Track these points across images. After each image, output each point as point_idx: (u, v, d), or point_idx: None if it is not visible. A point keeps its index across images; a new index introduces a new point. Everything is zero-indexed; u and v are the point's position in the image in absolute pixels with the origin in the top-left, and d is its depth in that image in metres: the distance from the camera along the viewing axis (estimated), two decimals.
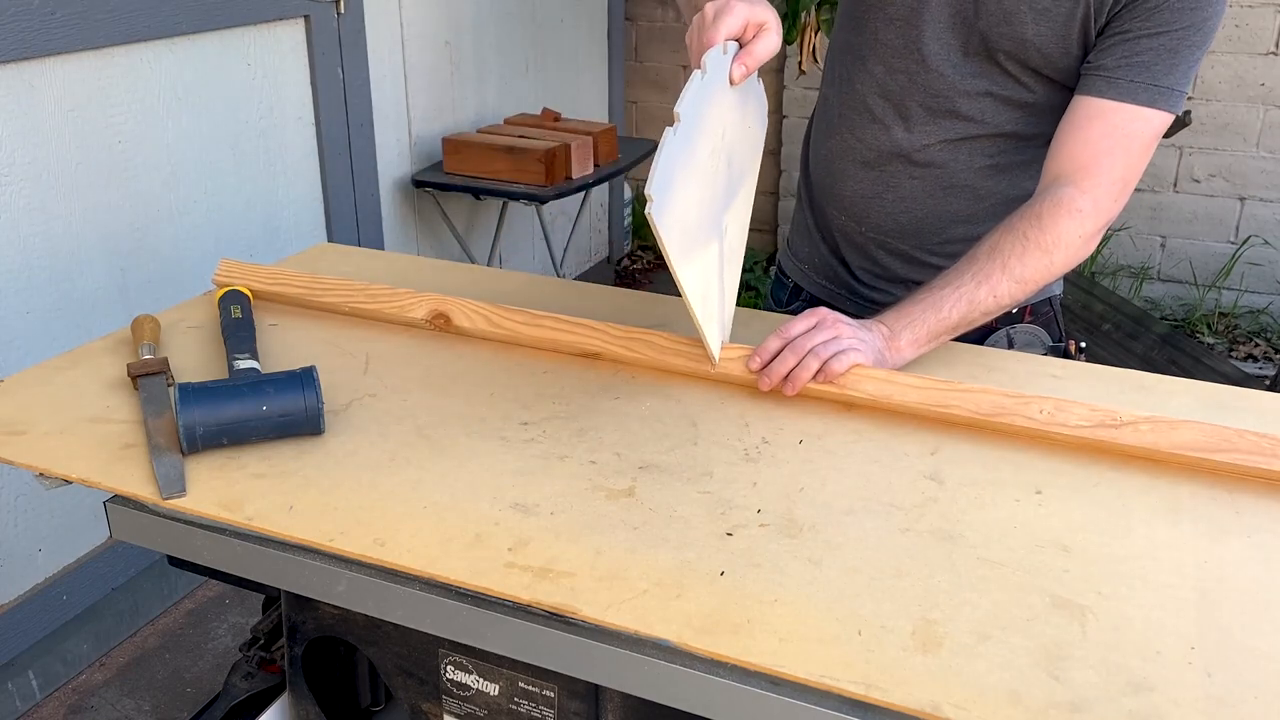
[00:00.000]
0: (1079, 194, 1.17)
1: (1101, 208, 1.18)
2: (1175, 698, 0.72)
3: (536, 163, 2.87)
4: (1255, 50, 3.59)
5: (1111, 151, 1.18)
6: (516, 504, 0.93)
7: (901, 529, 0.91)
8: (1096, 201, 1.18)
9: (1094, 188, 1.17)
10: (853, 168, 1.39)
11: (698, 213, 1.07)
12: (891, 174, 1.36)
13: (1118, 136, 1.18)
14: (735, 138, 1.17)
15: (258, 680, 1.23)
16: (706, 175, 1.08)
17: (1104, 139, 1.18)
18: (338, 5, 2.56)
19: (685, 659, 0.78)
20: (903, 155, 1.34)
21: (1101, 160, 1.18)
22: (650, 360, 1.18)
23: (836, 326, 1.12)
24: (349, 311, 1.32)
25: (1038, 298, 1.40)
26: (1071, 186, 1.18)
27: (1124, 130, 1.17)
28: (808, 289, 1.52)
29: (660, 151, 0.95)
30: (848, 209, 1.41)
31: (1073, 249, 1.18)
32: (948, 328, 1.16)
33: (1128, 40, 1.17)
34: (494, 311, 1.25)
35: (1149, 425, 1.01)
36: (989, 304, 1.16)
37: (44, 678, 2.13)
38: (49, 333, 2.01)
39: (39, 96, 1.93)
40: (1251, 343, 3.81)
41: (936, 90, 1.29)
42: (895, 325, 1.15)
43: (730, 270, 1.19)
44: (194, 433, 0.98)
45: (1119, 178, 1.19)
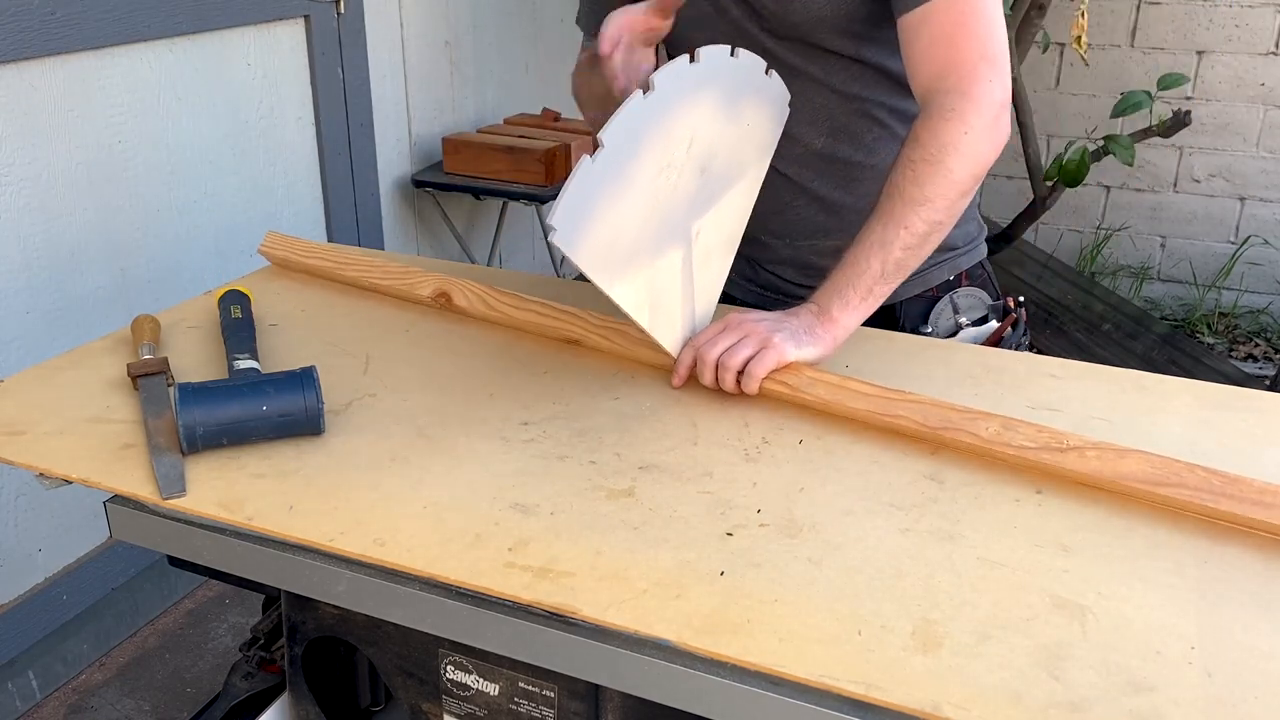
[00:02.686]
0: (943, 97, 1.12)
1: (976, 94, 1.11)
2: (1175, 698, 0.72)
3: (536, 163, 2.87)
4: (1255, 50, 3.59)
5: (955, 42, 1.12)
6: (516, 504, 0.93)
7: (901, 529, 0.91)
8: (965, 94, 1.11)
9: (957, 83, 1.11)
10: None
11: (637, 232, 1.06)
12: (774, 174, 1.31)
13: (951, 27, 1.12)
14: (720, 140, 1.17)
15: (258, 680, 1.23)
16: (650, 194, 1.07)
17: (942, 38, 1.12)
18: (338, 5, 2.56)
19: (685, 659, 0.78)
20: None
21: (952, 55, 1.12)
22: (623, 350, 1.20)
23: (744, 326, 1.10)
24: (368, 286, 1.39)
25: (971, 260, 1.40)
26: (934, 97, 1.13)
27: (950, 19, 1.12)
28: (738, 296, 1.47)
29: (571, 179, 0.95)
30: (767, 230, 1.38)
31: (966, 147, 1.11)
32: (874, 278, 1.12)
33: None
34: (488, 293, 1.31)
35: (1095, 452, 0.97)
36: (905, 238, 1.11)
37: (44, 678, 2.13)
38: (49, 333, 2.01)
39: (39, 96, 1.93)
40: (1251, 343, 3.81)
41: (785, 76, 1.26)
42: (823, 300, 1.13)
43: (707, 270, 1.20)
44: (194, 433, 0.98)
45: (976, 59, 1.12)
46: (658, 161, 1.07)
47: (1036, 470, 0.99)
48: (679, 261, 1.15)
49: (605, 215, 1.02)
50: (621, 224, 1.04)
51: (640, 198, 1.06)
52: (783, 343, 1.09)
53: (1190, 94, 3.65)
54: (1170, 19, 3.64)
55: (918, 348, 1.26)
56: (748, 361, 1.09)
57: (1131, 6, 3.67)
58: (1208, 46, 3.63)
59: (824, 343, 1.12)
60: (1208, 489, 0.93)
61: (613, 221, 1.03)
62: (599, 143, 0.97)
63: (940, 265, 1.37)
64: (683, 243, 1.15)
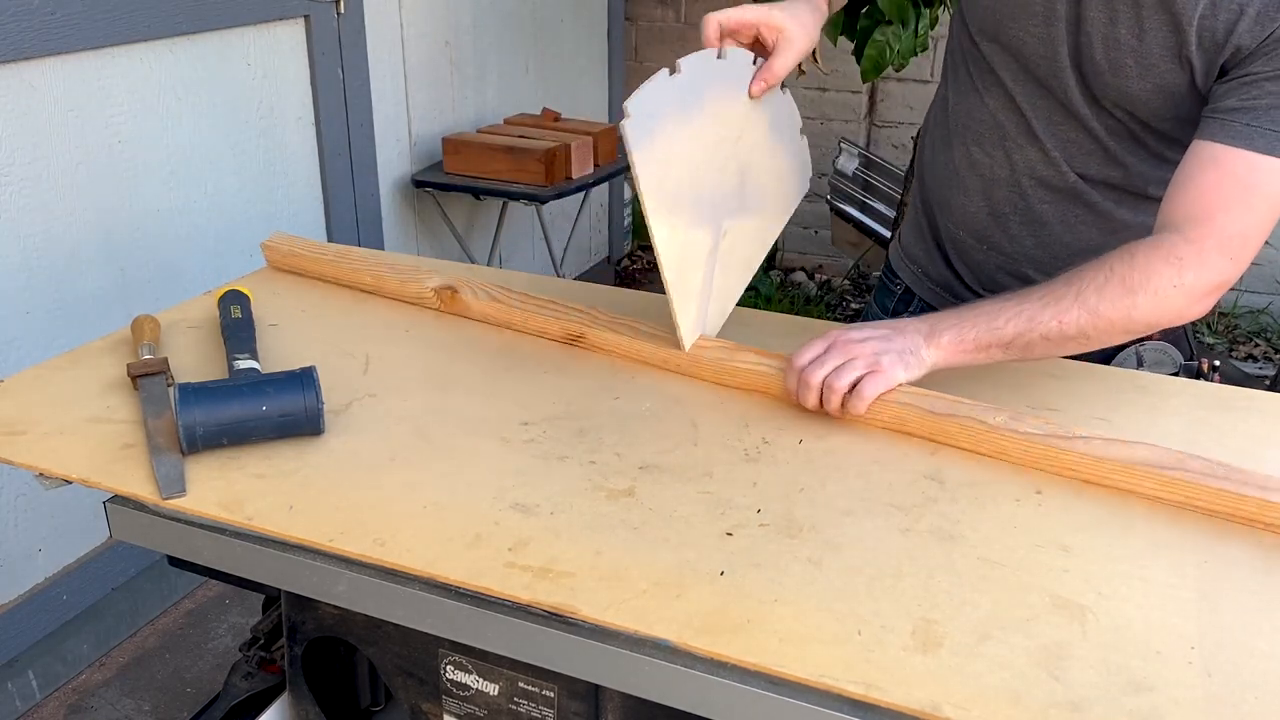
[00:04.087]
0: (1182, 241, 1.05)
1: (1208, 261, 1.05)
2: (1175, 698, 0.72)
3: (536, 163, 2.86)
4: None
5: (1227, 203, 1.05)
6: (516, 504, 0.93)
7: (901, 529, 0.91)
8: (1202, 253, 1.05)
9: (1201, 238, 1.05)
10: (976, 183, 1.32)
11: (691, 183, 1.10)
12: (1020, 195, 1.29)
13: (1235, 187, 1.05)
14: (757, 160, 1.21)
15: (258, 680, 1.23)
16: (705, 155, 1.11)
17: (1218, 188, 1.05)
18: (338, 5, 2.56)
19: (685, 659, 0.78)
20: (1036, 177, 1.27)
21: (1215, 212, 1.05)
22: (628, 346, 1.20)
23: (850, 348, 1.06)
24: (371, 287, 1.39)
25: None
26: (1177, 233, 1.06)
27: (1243, 180, 1.05)
28: (920, 294, 1.45)
29: (647, 83, 1.01)
30: (966, 225, 1.35)
31: (1163, 296, 1.04)
32: (1000, 341, 1.06)
33: (1247, 83, 1.06)
34: (493, 287, 1.31)
35: (1102, 442, 0.98)
36: (1051, 328, 1.05)
37: (44, 678, 2.13)
38: (49, 333, 2.01)
39: (39, 96, 1.93)
40: (1251, 343, 3.81)
41: (1067, 118, 1.22)
42: (940, 324, 1.08)
43: (727, 276, 1.20)
44: (194, 433, 0.98)
45: (1236, 233, 1.05)
46: (718, 130, 1.11)
47: (1041, 461, 1.00)
48: (707, 247, 1.16)
49: (669, 136, 1.06)
50: (676, 160, 1.07)
51: (697, 149, 1.09)
52: (891, 366, 1.05)
53: None
54: None
55: None
56: (855, 383, 1.05)
57: None
58: None
59: (925, 368, 1.07)
60: (1210, 474, 0.94)
61: (672, 150, 1.07)
62: (677, 67, 1.03)
63: None
64: (714, 232, 1.16)
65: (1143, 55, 1.12)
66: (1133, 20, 1.12)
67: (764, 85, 1.16)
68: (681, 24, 4.29)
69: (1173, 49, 1.10)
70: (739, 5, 1.20)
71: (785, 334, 1.28)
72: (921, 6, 2.73)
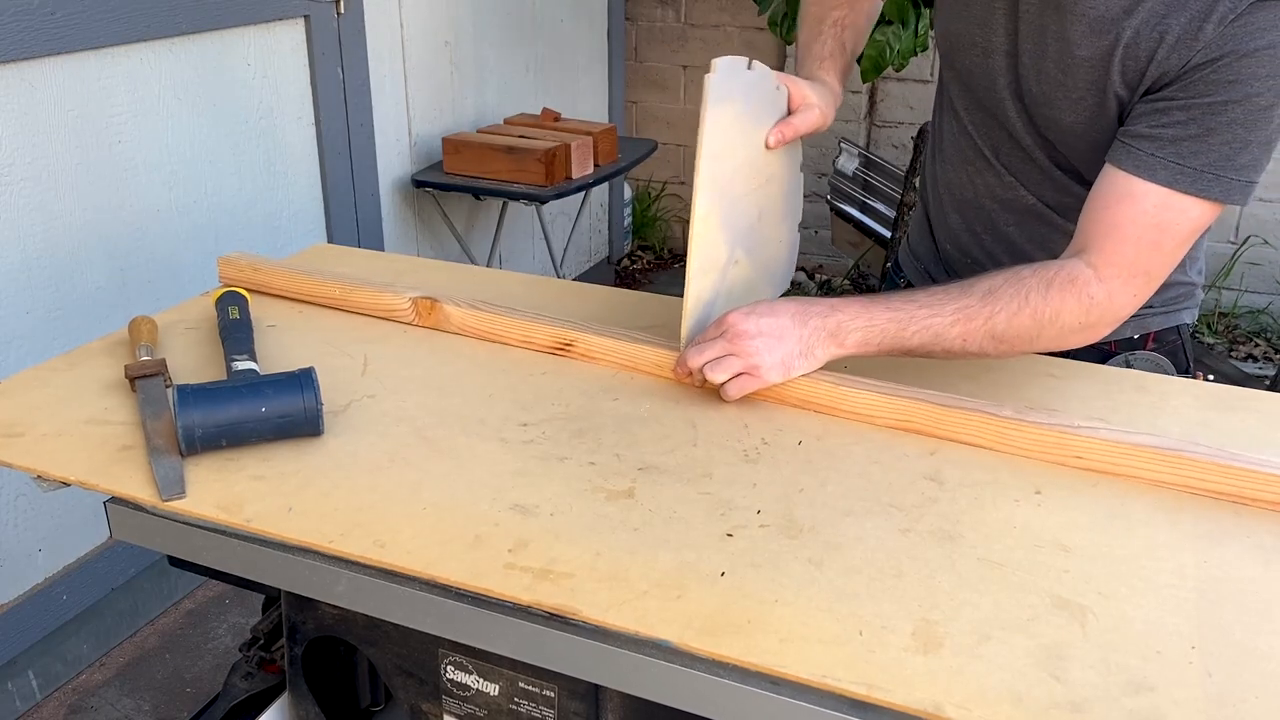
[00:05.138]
0: (1096, 280, 1.05)
1: (1115, 301, 1.06)
2: (1176, 698, 0.72)
3: (536, 163, 2.86)
4: None
5: (1139, 241, 1.04)
6: (516, 505, 0.93)
7: (901, 529, 0.91)
8: (1111, 295, 1.05)
9: (1112, 278, 1.05)
10: (951, 200, 1.34)
11: (730, 180, 1.12)
12: (990, 215, 1.29)
13: (1147, 225, 1.03)
14: (770, 218, 1.24)
15: (258, 680, 1.23)
16: (746, 169, 1.15)
17: (1132, 225, 1.04)
18: (338, 5, 2.56)
19: (686, 659, 0.78)
20: (997, 200, 1.27)
21: (1126, 248, 1.04)
22: (615, 357, 1.20)
23: (737, 342, 1.07)
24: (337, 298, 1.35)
25: (1165, 323, 1.28)
26: (1092, 269, 1.05)
27: (1154, 219, 1.03)
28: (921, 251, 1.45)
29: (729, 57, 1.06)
30: (950, 239, 1.36)
31: (1065, 332, 1.06)
32: (903, 348, 1.08)
33: (1159, 109, 1.03)
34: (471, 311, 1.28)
35: (1108, 432, 1.00)
36: (954, 346, 1.07)
37: (44, 678, 2.13)
38: (49, 333, 2.01)
39: (39, 96, 1.93)
40: (1251, 343, 3.81)
41: (1015, 147, 1.23)
42: (849, 323, 1.07)
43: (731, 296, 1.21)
44: (193, 434, 0.98)
45: (1143, 271, 1.05)
46: (752, 154, 1.15)
47: (1049, 449, 1.01)
48: (723, 258, 1.17)
49: (734, 116, 1.10)
50: (730, 146, 1.10)
51: (740, 154, 1.13)
52: (769, 372, 1.07)
53: None
54: None
55: None
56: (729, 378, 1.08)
57: None
58: None
59: (817, 365, 1.09)
60: (1212, 459, 0.96)
61: (731, 133, 1.10)
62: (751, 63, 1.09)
63: (1126, 322, 1.22)
64: (730, 249, 1.18)
65: (1070, 89, 1.11)
66: (1060, 54, 1.10)
67: (782, 137, 1.16)
68: (682, 24, 4.29)
69: (1098, 83, 1.08)
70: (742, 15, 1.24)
71: None
72: (921, 6, 2.74)
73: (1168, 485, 0.97)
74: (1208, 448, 0.98)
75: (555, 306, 1.30)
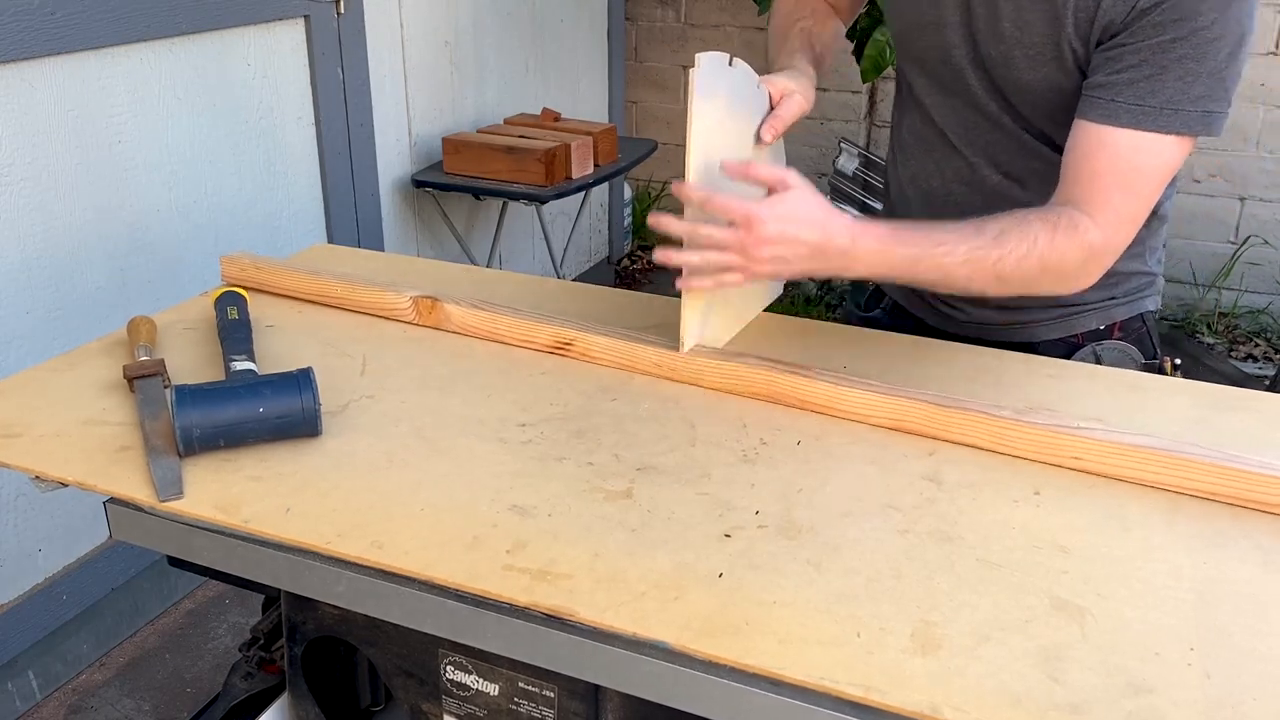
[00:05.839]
0: (1093, 226, 1.08)
1: (1111, 247, 1.10)
2: (1174, 699, 0.72)
3: (536, 163, 2.86)
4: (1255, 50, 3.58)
5: (1122, 187, 1.08)
6: (514, 506, 0.93)
7: (900, 530, 0.91)
8: (1106, 240, 1.09)
9: (1105, 224, 1.08)
10: (920, 195, 1.34)
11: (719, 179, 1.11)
12: (956, 200, 1.29)
13: (1125, 169, 1.07)
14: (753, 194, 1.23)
15: (258, 680, 1.23)
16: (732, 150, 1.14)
17: (1111, 172, 1.08)
18: (338, 5, 2.56)
19: (685, 659, 0.78)
20: (965, 182, 1.28)
21: (1112, 196, 1.08)
22: (614, 357, 1.19)
23: (750, 250, 1.03)
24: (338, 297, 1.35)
25: (1129, 311, 1.32)
26: (1087, 216, 1.08)
27: (1129, 162, 1.07)
28: (889, 293, 1.47)
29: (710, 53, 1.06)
30: None
31: (1064, 277, 1.10)
32: (908, 278, 1.09)
33: (1112, 57, 1.07)
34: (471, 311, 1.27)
35: (1105, 432, 1.00)
36: (957, 283, 1.09)
37: (44, 678, 2.13)
38: (49, 333, 2.01)
39: (39, 96, 1.92)
40: (1251, 343, 3.81)
41: (980, 119, 1.24)
42: (865, 245, 1.06)
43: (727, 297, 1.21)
44: (191, 435, 0.98)
45: (1129, 216, 1.09)
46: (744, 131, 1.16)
47: (1045, 451, 1.01)
48: None
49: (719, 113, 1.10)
50: (717, 145, 1.10)
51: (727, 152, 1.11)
52: (755, 280, 1.06)
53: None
54: None
55: (916, 348, 1.25)
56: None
57: None
58: None
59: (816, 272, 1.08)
60: (1210, 461, 0.96)
61: (715, 131, 1.10)
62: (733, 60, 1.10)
63: (1088, 312, 1.30)
64: None
65: (1027, 46, 1.13)
66: (1014, 13, 1.13)
67: (774, 132, 1.17)
68: (682, 24, 4.29)
69: (1053, 37, 1.11)
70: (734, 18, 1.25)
71: (784, 334, 1.28)
72: None
73: (1166, 486, 0.97)
74: (1206, 449, 0.98)
75: (555, 306, 1.30)
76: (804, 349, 1.22)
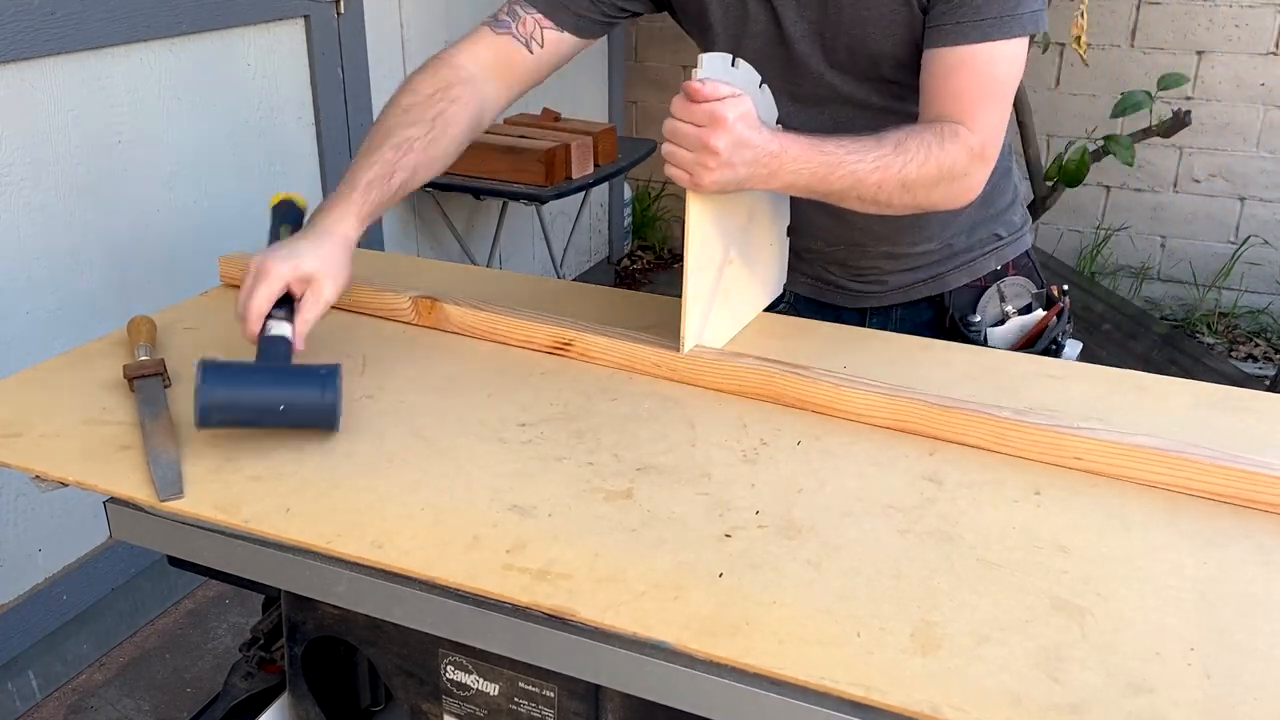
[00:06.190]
0: (969, 132, 1.14)
1: (987, 152, 1.16)
2: (1175, 699, 0.72)
3: (536, 163, 2.86)
4: (1255, 50, 3.59)
5: (985, 97, 1.15)
6: (514, 506, 0.93)
7: (900, 530, 0.91)
8: (983, 144, 1.15)
9: (980, 130, 1.14)
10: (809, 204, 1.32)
11: None
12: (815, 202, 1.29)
13: (986, 81, 1.15)
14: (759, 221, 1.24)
15: (258, 680, 1.23)
16: None
17: (972, 86, 1.15)
18: (338, 5, 2.56)
19: (685, 659, 0.78)
20: None
21: (979, 107, 1.15)
22: (614, 356, 1.19)
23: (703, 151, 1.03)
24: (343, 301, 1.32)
25: (1017, 250, 1.42)
26: (962, 126, 1.14)
27: (989, 73, 1.15)
28: (790, 289, 1.47)
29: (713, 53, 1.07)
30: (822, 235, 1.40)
31: (955, 183, 1.15)
32: (822, 191, 1.12)
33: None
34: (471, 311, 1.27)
35: (1106, 433, 1.00)
36: (868, 192, 1.12)
37: (44, 678, 2.13)
38: (49, 333, 2.01)
39: (39, 96, 1.92)
40: (1251, 343, 3.81)
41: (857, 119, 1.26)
42: (791, 164, 1.09)
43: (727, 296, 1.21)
44: (209, 415, 0.97)
45: (997, 119, 1.16)
46: None
47: (1046, 452, 1.01)
48: (719, 257, 1.17)
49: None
50: None
51: None
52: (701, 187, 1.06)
53: (1190, 94, 3.65)
54: (1170, 19, 3.63)
55: (916, 348, 1.25)
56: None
57: (1131, 6, 3.67)
58: (1208, 46, 3.63)
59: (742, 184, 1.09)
60: (1211, 461, 0.96)
61: None
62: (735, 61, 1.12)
63: (988, 255, 1.40)
64: (724, 249, 1.18)
65: (877, 20, 1.19)
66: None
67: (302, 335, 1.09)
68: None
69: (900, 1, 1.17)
70: None
71: (784, 334, 1.28)
72: None
73: (1167, 486, 0.97)
74: (1207, 449, 0.97)
75: (555, 306, 1.29)
76: (804, 349, 1.22)
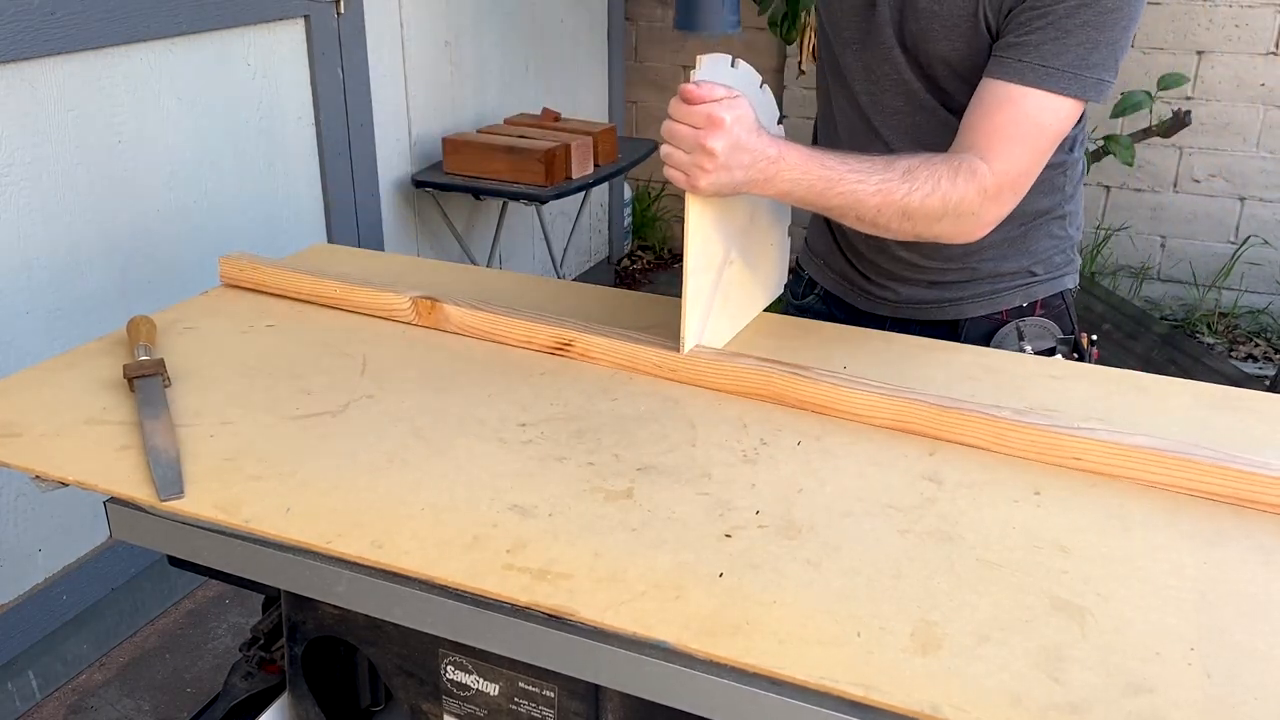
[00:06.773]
0: (989, 174, 1.13)
1: (1004, 198, 1.15)
2: (1175, 699, 0.72)
3: (536, 163, 2.86)
4: (1255, 50, 3.59)
5: (1022, 141, 1.14)
6: (515, 505, 0.93)
7: (900, 530, 0.91)
8: (1000, 189, 1.14)
9: (1001, 174, 1.13)
10: None
11: None
12: None
13: (1028, 126, 1.13)
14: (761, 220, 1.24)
15: (258, 680, 1.23)
16: None
17: (1014, 126, 1.13)
18: (338, 5, 2.56)
19: (685, 659, 0.78)
20: None
21: (1012, 148, 1.13)
22: (614, 356, 1.19)
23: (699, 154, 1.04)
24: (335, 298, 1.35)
25: (1050, 290, 1.36)
26: (985, 164, 1.13)
27: (1034, 120, 1.13)
28: (821, 283, 1.50)
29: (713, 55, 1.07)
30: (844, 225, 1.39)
31: (962, 220, 1.14)
32: (820, 205, 1.12)
33: (1021, 21, 1.13)
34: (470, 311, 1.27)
35: (1106, 433, 1.00)
36: (867, 214, 1.12)
37: (44, 678, 2.13)
38: (49, 333, 2.01)
39: (39, 96, 1.92)
40: (1251, 343, 3.81)
41: (907, 101, 1.27)
42: (788, 170, 1.09)
43: (727, 297, 1.21)
44: None
45: (1024, 167, 1.15)
46: None
47: (1046, 452, 1.01)
48: (719, 258, 1.17)
49: None
50: None
51: None
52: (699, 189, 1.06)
53: (1190, 94, 3.65)
54: (1170, 19, 3.63)
55: (917, 348, 1.25)
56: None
57: None
58: (1208, 46, 3.63)
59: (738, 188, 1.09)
60: (1211, 461, 0.96)
61: None
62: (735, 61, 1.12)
63: (1014, 290, 1.35)
64: (724, 249, 1.18)
65: (945, 19, 1.19)
66: None
67: None
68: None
69: (969, 10, 1.17)
70: None
71: (784, 334, 1.28)
72: None
73: (1167, 487, 0.97)
74: (1207, 449, 0.97)
75: (555, 306, 1.30)
76: (804, 349, 1.22)
